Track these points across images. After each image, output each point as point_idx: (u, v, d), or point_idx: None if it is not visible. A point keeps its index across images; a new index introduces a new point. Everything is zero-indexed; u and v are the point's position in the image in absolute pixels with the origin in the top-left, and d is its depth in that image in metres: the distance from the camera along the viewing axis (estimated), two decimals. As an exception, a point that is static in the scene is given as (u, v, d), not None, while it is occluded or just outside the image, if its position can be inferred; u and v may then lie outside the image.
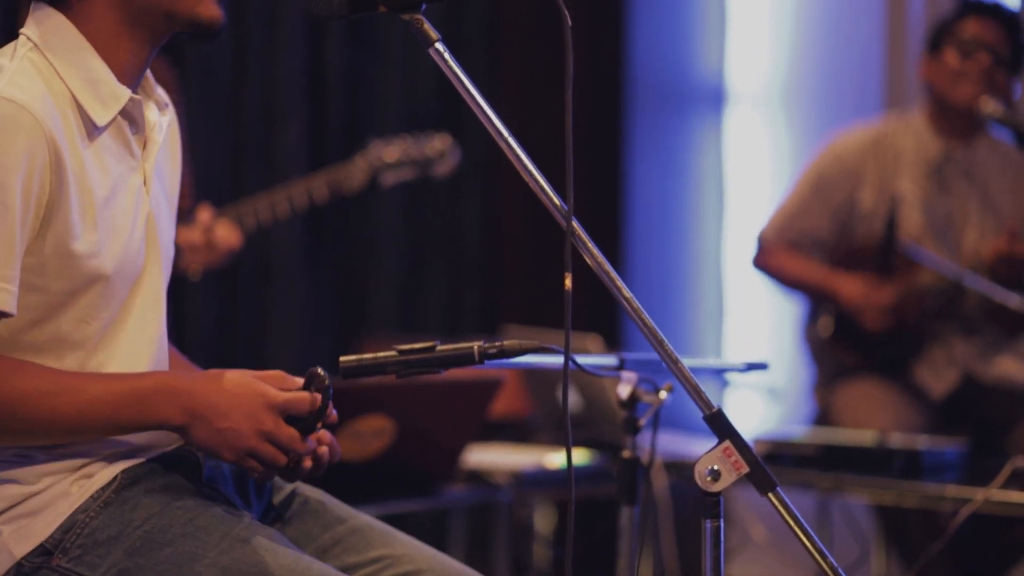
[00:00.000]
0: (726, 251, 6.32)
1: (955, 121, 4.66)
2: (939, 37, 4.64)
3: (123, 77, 2.23)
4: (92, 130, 2.19)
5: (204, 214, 3.97)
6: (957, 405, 4.60)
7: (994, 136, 4.74)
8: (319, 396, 2.17)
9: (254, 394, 2.13)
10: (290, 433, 2.15)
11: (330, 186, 4.07)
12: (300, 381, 2.19)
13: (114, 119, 2.21)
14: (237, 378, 2.15)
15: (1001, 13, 4.64)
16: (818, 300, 4.73)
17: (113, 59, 2.22)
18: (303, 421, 2.17)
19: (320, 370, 2.16)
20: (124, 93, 2.22)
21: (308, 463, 2.22)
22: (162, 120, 2.32)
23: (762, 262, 4.81)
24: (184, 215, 4.08)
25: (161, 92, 2.35)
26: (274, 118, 5.31)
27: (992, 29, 4.59)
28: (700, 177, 6.33)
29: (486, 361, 2.21)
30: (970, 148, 4.69)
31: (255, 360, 5.17)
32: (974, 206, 4.67)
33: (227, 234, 3.99)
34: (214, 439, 2.13)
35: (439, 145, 4.12)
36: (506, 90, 5.86)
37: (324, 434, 2.27)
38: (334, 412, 2.27)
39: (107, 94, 2.20)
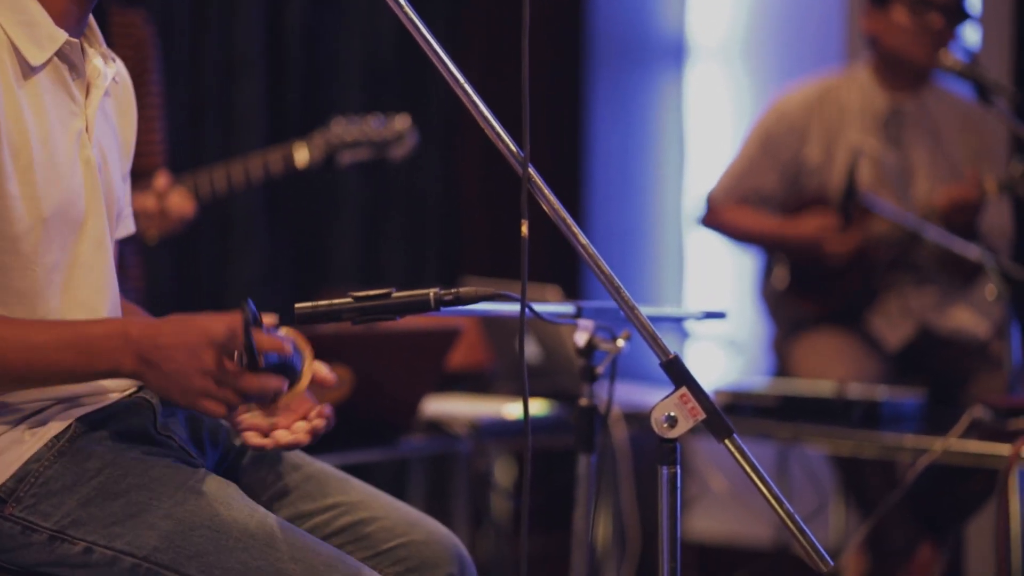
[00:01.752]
0: (687, 205, 6.33)
1: (902, 74, 4.66)
2: None
3: (61, 22, 2.23)
4: (28, 71, 2.18)
5: (160, 180, 3.94)
6: (913, 356, 4.63)
7: (941, 87, 4.75)
8: (241, 327, 2.08)
9: (193, 331, 2.08)
10: (231, 368, 2.07)
11: (286, 161, 4.05)
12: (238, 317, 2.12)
13: (50, 61, 2.21)
14: (179, 319, 2.12)
15: None
16: (772, 250, 4.74)
17: (51, 5, 2.22)
18: (245, 356, 2.08)
19: (246, 302, 2.08)
20: (60, 35, 2.22)
21: (283, 422, 2.21)
22: (107, 70, 2.31)
23: (712, 220, 4.82)
24: (154, 172, 4.05)
25: (107, 49, 2.35)
26: (233, 74, 5.29)
27: None
28: (661, 131, 6.33)
29: (442, 308, 2.20)
30: (918, 99, 4.69)
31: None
32: (924, 157, 4.68)
33: (180, 202, 3.96)
34: (164, 383, 2.09)
35: (398, 126, 4.09)
36: (470, 54, 5.84)
37: (325, 408, 2.26)
38: (331, 375, 2.24)
39: (43, 36, 2.20)
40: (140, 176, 3.96)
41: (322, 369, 2.24)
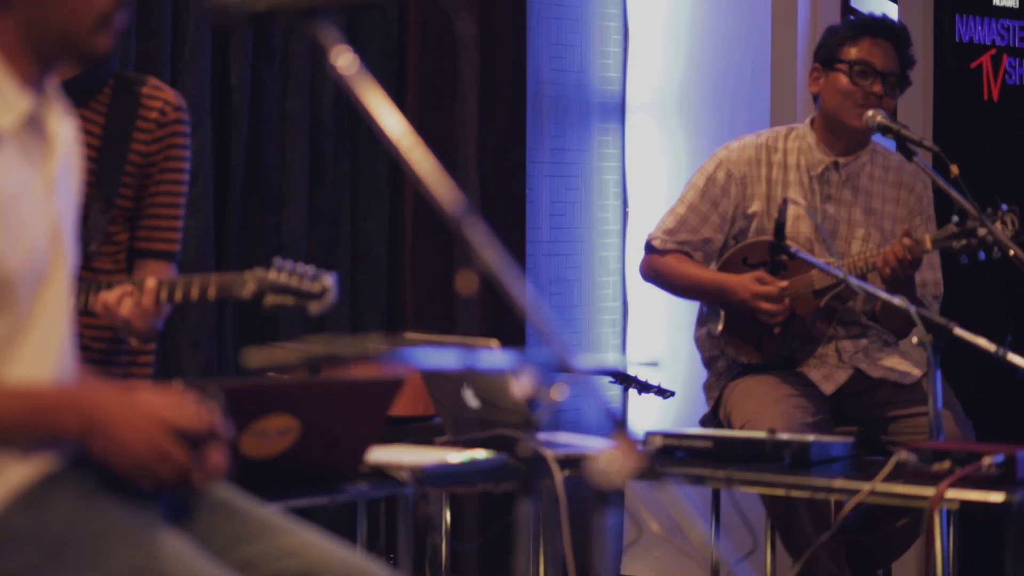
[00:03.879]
0: (626, 258, 6.41)
1: (840, 135, 4.74)
2: (831, 55, 4.71)
3: (27, 85, 2.28)
4: None
5: (151, 282, 3.82)
6: (847, 399, 4.69)
7: (877, 146, 4.84)
8: (210, 417, 2.19)
9: (150, 410, 2.15)
10: (181, 452, 2.17)
11: (220, 290, 3.91)
12: (194, 399, 2.21)
13: (16, 124, 2.26)
14: (137, 394, 2.18)
15: (892, 32, 4.71)
16: (709, 301, 4.80)
17: (18, 68, 2.27)
18: (195, 438, 2.19)
19: (214, 389, 2.18)
20: (26, 98, 2.27)
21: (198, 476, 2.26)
22: (66, 129, 2.37)
23: (650, 267, 4.88)
24: (167, 257, 4.01)
25: (65, 105, 2.40)
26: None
27: (885, 51, 4.65)
28: (600, 186, 6.41)
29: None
30: (856, 159, 4.77)
31: (159, 366, 5.18)
32: (858, 214, 4.76)
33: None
34: (109, 452, 2.16)
35: (323, 284, 3.95)
36: (408, 107, 5.88)
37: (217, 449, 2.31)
38: (228, 431, 2.30)
39: (9, 100, 2.25)
40: (148, 256, 3.96)
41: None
